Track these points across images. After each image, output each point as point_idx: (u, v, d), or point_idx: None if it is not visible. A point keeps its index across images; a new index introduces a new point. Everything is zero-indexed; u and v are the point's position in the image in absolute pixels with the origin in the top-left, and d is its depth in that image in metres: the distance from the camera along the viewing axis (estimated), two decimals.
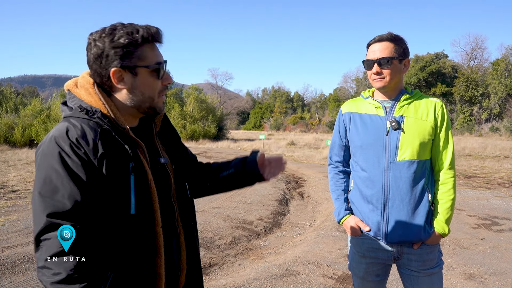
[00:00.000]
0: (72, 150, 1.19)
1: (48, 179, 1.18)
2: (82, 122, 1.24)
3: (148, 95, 1.36)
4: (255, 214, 7.04)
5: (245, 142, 29.46)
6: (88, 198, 1.20)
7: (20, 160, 15.34)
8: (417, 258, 2.02)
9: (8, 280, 3.99)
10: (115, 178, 1.24)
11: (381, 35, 2.02)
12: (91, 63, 1.33)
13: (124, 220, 1.26)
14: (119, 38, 1.28)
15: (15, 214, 6.72)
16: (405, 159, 1.96)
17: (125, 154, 1.27)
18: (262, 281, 4.01)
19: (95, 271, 1.19)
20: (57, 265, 1.14)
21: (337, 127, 2.25)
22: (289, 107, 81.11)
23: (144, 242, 1.31)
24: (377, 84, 2.02)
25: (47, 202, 1.17)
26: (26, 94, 58.43)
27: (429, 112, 1.99)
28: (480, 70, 48.25)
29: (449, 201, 2.00)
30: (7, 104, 25.59)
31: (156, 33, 1.33)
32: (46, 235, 1.16)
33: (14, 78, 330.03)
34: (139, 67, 1.31)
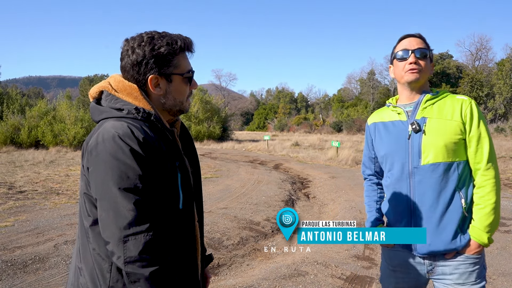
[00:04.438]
0: (141, 148, 1.25)
1: (124, 174, 1.22)
2: (140, 124, 1.31)
3: (179, 100, 1.47)
4: (262, 214, 7.06)
5: (250, 143, 29.48)
6: (157, 190, 1.28)
7: (26, 161, 15.43)
8: (452, 270, 1.84)
9: (20, 280, 4.03)
10: (170, 175, 1.34)
11: (413, 33, 1.97)
12: (127, 69, 1.40)
13: (175, 214, 1.36)
14: (159, 48, 1.36)
15: (24, 214, 6.78)
16: (429, 162, 1.83)
17: (175, 153, 1.38)
18: (271, 281, 4.04)
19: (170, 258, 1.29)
20: (152, 257, 1.21)
21: (365, 140, 2.20)
22: (293, 108, 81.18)
23: (187, 234, 1.42)
24: (411, 77, 1.90)
25: (129, 195, 1.21)
26: (31, 95, 58.78)
27: (454, 111, 1.84)
28: (485, 71, 48.04)
29: (488, 206, 1.80)
30: (13, 105, 25.74)
31: (191, 44, 1.45)
32: (136, 228, 1.20)
33: (19, 79, 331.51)
34: (174, 74, 1.42)
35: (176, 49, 1.39)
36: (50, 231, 5.73)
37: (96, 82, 24.33)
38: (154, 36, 1.38)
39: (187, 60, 1.46)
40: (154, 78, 1.39)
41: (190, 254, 1.44)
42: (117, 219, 1.21)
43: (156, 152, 1.29)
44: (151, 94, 1.43)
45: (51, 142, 21.97)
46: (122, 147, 1.23)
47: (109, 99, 1.39)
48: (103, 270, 1.30)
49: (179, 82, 1.44)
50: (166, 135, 1.38)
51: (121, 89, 1.39)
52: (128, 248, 1.20)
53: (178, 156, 1.40)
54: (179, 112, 1.50)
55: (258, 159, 18.22)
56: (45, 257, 4.63)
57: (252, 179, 11.34)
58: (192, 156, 1.64)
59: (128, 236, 1.20)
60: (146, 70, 1.38)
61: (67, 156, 18.04)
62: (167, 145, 1.36)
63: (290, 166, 15.20)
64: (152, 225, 1.23)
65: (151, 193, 1.26)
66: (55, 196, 8.47)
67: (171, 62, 1.40)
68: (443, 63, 48.38)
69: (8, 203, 7.64)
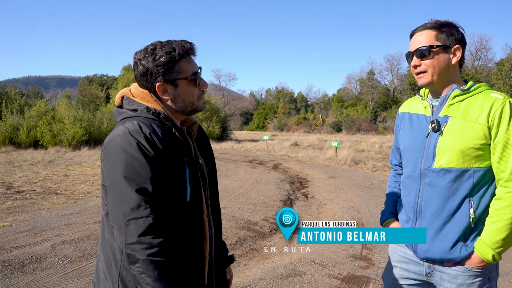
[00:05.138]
0: (147, 142, 1.39)
1: (131, 165, 1.36)
2: (150, 122, 1.46)
3: (188, 101, 1.58)
4: (260, 214, 7.06)
5: (249, 142, 29.48)
6: (161, 182, 1.40)
7: (25, 161, 15.42)
8: (450, 279, 1.76)
9: (17, 280, 4.03)
10: (176, 169, 1.45)
11: (425, 24, 1.78)
12: (138, 79, 1.57)
13: (182, 206, 1.47)
14: (160, 57, 1.49)
15: (22, 214, 6.77)
16: (440, 166, 1.70)
17: (184, 150, 1.50)
18: (268, 281, 4.04)
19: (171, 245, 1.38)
20: (151, 240, 1.32)
21: (395, 128, 2.08)
22: (293, 108, 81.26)
23: (195, 227, 1.52)
24: (419, 82, 1.78)
25: (133, 183, 1.35)
26: (31, 95, 58.71)
27: (482, 111, 1.64)
28: (484, 71, 48.02)
29: (502, 221, 1.62)
30: (12, 105, 25.70)
31: (190, 49, 1.55)
32: (136, 212, 1.33)
33: (18, 79, 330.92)
34: (179, 79, 1.53)
35: (175, 57, 1.50)
36: (48, 231, 5.72)
37: (96, 82, 24.43)
38: (156, 47, 1.51)
39: (191, 64, 1.56)
40: (161, 85, 1.52)
41: (197, 245, 1.52)
42: (121, 204, 1.34)
43: (162, 147, 1.41)
44: (162, 99, 1.57)
45: (50, 142, 21.95)
46: (130, 141, 1.38)
47: (127, 102, 1.56)
48: (115, 254, 1.43)
49: (185, 85, 1.55)
50: (174, 132, 1.49)
51: (137, 94, 1.57)
52: (129, 231, 1.32)
53: (187, 153, 1.50)
54: (193, 112, 1.62)
55: (257, 159, 18.22)
56: (42, 257, 4.63)
57: (251, 179, 11.34)
58: (209, 156, 1.76)
59: (130, 220, 1.32)
60: (152, 79, 1.52)
61: (66, 156, 18.03)
62: (175, 141, 1.48)
63: (289, 166, 15.21)
64: (153, 211, 1.34)
65: (155, 182, 1.37)
66: (53, 196, 8.47)
67: (173, 68, 1.51)
68: None
69: (6, 203, 7.63)
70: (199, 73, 1.59)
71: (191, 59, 1.58)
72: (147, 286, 1.32)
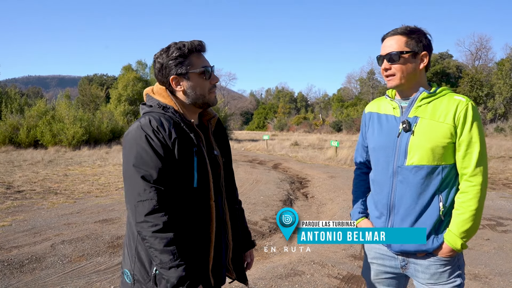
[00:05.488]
0: (154, 134, 1.58)
1: (139, 155, 1.57)
2: (160, 116, 1.64)
3: (199, 93, 1.75)
4: (260, 214, 7.06)
5: (249, 142, 29.48)
6: (167, 170, 1.58)
7: (25, 161, 15.43)
8: (424, 270, 1.87)
9: (17, 279, 4.03)
10: (183, 158, 1.62)
11: (395, 29, 1.88)
12: (156, 75, 1.77)
13: (189, 191, 1.64)
14: (172, 53, 1.70)
15: (22, 214, 6.77)
16: (413, 163, 1.81)
17: (190, 141, 1.65)
18: (267, 280, 4.04)
19: (176, 226, 1.56)
20: (155, 219, 1.52)
21: (361, 127, 2.17)
22: (293, 108, 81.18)
23: (203, 211, 1.68)
24: (388, 84, 1.89)
25: (140, 170, 1.56)
26: (31, 94, 58.66)
27: (448, 112, 1.78)
28: (484, 70, 48.04)
29: (467, 212, 1.76)
30: (12, 105, 25.68)
31: (199, 45, 1.73)
32: (142, 196, 1.54)
33: (18, 79, 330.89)
34: (190, 72, 1.71)
35: (184, 51, 1.69)
36: (47, 231, 5.73)
37: (96, 82, 24.48)
38: (170, 46, 1.72)
39: (201, 59, 1.74)
40: (174, 78, 1.72)
41: (204, 227, 1.68)
42: (132, 189, 1.56)
43: (167, 138, 1.59)
44: (176, 92, 1.76)
45: (50, 142, 21.94)
46: (140, 135, 1.58)
47: (148, 99, 1.78)
48: (133, 232, 1.65)
49: (197, 78, 1.73)
50: (180, 125, 1.65)
51: (156, 91, 1.77)
52: (138, 212, 1.54)
53: (195, 143, 1.66)
54: (205, 105, 1.78)
55: (257, 158, 18.22)
56: (41, 256, 4.63)
57: (251, 178, 11.33)
58: (225, 149, 1.93)
59: (138, 202, 1.54)
60: (166, 73, 1.72)
61: (66, 156, 18.04)
62: (181, 133, 1.63)
63: (289, 165, 15.21)
64: (159, 194, 1.54)
65: (161, 169, 1.56)
66: (53, 196, 8.47)
67: (184, 62, 1.70)
68: (442, 62, 48.39)
69: (6, 202, 7.64)
70: (211, 69, 1.76)
71: (202, 55, 1.76)
72: (156, 258, 1.54)
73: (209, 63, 1.77)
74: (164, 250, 1.52)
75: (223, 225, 1.82)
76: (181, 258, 1.54)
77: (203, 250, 1.69)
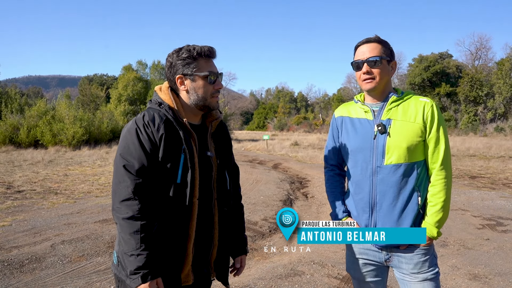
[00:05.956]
0: (144, 129, 1.68)
1: (127, 145, 1.69)
2: (155, 111, 1.75)
3: (202, 96, 1.82)
4: (260, 214, 7.06)
5: (249, 142, 29.48)
6: (150, 162, 1.67)
7: (25, 161, 15.43)
8: (407, 261, 1.98)
9: (17, 280, 4.03)
10: (169, 153, 1.69)
11: (369, 38, 2.03)
12: (166, 73, 1.88)
13: (171, 187, 1.70)
14: (182, 54, 1.79)
15: (22, 214, 6.78)
16: (391, 163, 1.94)
17: (179, 138, 1.72)
18: (267, 281, 4.04)
19: (149, 217, 1.64)
20: (128, 206, 1.61)
21: (331, 131, 2.27)
22: (293, 107, 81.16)
23: (183, 207, 1.72)
24: (367, 86, 2.00)
25: (123, 160, 1.67)
26: (31, 94, 58.60)
27: (417, 113, 1.94)
28: (484, 70, 48.00)
29: (439, 204, 1.93)
30: (12, 104, 25.68)
31: (208, 51, 1.80)
32: (121, 184, 1.64)
33: (18, 78, 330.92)
34: (195, 74, 1.79)
35: (193, 54, 1.77)
36: (48, 231, 5.73)
37: (96, 82, 24.46)
38: (182, 48, 1.81)
39: (209, 64, 1.82)
40: (179, 77, 1.81)
41: (182, 223, 1.72)
42: (115, 176, 1.68)
43: (155, 133, 1.67)
44: (180, 91, 1.84)
45: (50, 142, 21.95)
46: (132, 127, 1.70)
47: (154, 95, 1.87)
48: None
49: (201, 80, 1.80)
50: (172, 121, 1.72)
51: (162, 88, 1.87)
52: (114, 198, 1.65)
53: (185, 141, 1.72)
54: (206, 108, 1.85)
55: (257, 158, 18.22)
56: (41, 256, 4.63)
57: (251, 178, 11.34)
58: (225, 152, 1.98)
59: (117, 188, 1.65)
60: (174, 71, 1.81)
61: (66, 156, 18.04)
62: (170, 130, 1.70)
63: (289, 165, 15.21)
64: (137, 184, 1.62)
65: (145, 161, 1.65)
66: (53, 196, 8.48)
67: (191, 64, 1.78)
68: (442, 62, 48.31)
69: (6, 202, 7.64)
70: (218, 75, 1.83)
71: (211, 61, 1.84)
72: (121, 243, 1.62)
73: (217, 70, 1.85)
74: (129, 237, 1.59)
75: (210, 224, 1.85)
76: (144, 247, 1.59)
77: (180, 246, 1.72)
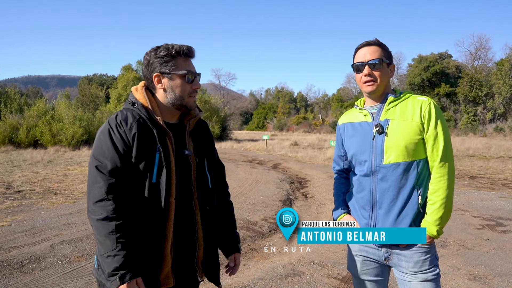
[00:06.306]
0: (116, 128, 1.67)
1: (100, 146, 1.67)
2: (128, 111, 1.73)
3: (179, 95, 1.80)
4: (259, 214, 7.06)
5: (249, 142, 29.47)
6: (123, 163, 1.66)
7: (25, 161, 15.41)
8: (407, 259, 1.98)
9: (16, 280, 4.02)
10: (143, 153, 1.68)
11: (369, 40, 2.06)
12: (143, 71, 1.85)
13: (147, 186, 1.68)
14: (160, 52, 1.77)
15: (21, 214, 6.77)
16: (390, 162, 1.96)
17: (153, 137, 1.70)
18: (267, 281, 4.04)
19: (124, 217, 1.62)
20: (102, 208, 1.60)
21: (336, 139, 2.35)
22: (292, 108, 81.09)
23: (159, 207, 1.69)
24: (368, 88, 2.03)
25: (96, 161, 1.65)
26: (30, 94, 58.56)
27: (415, 112, 1.96)
28: (484, 70, 47.99)
29: (439, 201, 1.91)
30: (11, 104, 25.64)
31: (186, 50, 1.79)
32: (94, 185, 1.62)
33: (18, 78, 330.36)
34: (173, 73, 1.77)
35: (172, 52, 1.75)
36: (47, 231, 5.72)
37: (95, 82, 24.42)
38: (160, 46, 1.79)
39: (187, 63, 1.80)
40: (157, 75, 1.78)
41: (159, 223, 1.70)
42: (89, 177, 1.67)
43: (128, 133, 1.66)
44: (157, 89, 1.82)
45: (50, 142, 21.92)
46: (105, 128, 1.69)
47: (129, 95, 1.84)
48: None
49: (178, 79, 1.78)
50: (145, 121, 1.71)
51: (138, 88, 1.85)
52: (89, 199, 1.64)
53: (160, 141, 1.70)
54: (183, 107, 1.83)
55: (256, 158, 18.22)
56: (41, 257, 4.62)
57: (250, 178, 11.33)
58: (205, 150, 1.95)
59: (91, 190, 1.64)
60: (151, 69, 1.79)
61: (65, 156, 18.02)
62: (143, 129, 1.69)
63: (289, 165, 15.21)
64: (110, 184, 1.61)
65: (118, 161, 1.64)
66: (52, 196, 8.47)
67: (169, 63, 1.76)
68: (442, 63, 48.30)
69: (5, 202, 7.63)
70: (196, 75, 1.82)
71: (189, 60, 1.82)
72: (97, 245, 1.61)
73: (195, 69, 1.82)
74: (104, 238, 1.58)
75: (192, 224, 1.82)
76: (121, 248, 1.57)
77: (157, 247, 1.70)
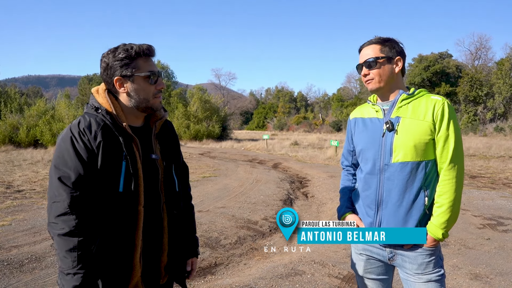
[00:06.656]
0: (79, 136, 1.57)
1: (61, 155, 1.57)
2: (91, 117, 1.63)
3: (143, 97, 1.71)
4: (260, 214, 7.05)
5: (249, 142, 29.47)
6: (88, 173, 1.56)
7: (25, 160, 15.42)
8: (411, 261, 1.96)
9: (16, 279, 4.02)
10: (109, 162, 1.59)
11: (371, 39, 2.06)
12: (101, 74, 1.73)
13: (113, 196, 1.60)
14: (119, 54, 1.66)
15: (22, 213, 6.76)
16: (398, 160, 1.92)
17: (119, 144, 1.62)
18: (268, 280, 4.03)
19: (89, 232, 1.54)
20: (64, 222, 1.51)
21: (347, 133, 2.31)
22: (293, 107, 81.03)
23: (128, 216, 1.63)
24: (369, 87, 2.03)
25: (58, 171, 1.55)
26: (30, 94, 58.59)
27: (427, 111, 1.91)
28: (484, 70, 47.95)
29: (445, 204, 1.88)
30: (11, 104, 25.68)
31: (147, 49, 1.69)
32: (57, 197, 1.53)
33: (18, 78, 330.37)
34: (135, 75, 1.68)
35: (131, 54, 1.66)
36: (47, 231, 5.70)
37: (95, 81, 24.52)
38: (118, 47, 1.69)
39: (148, 63, 1.71)
40: (118, 79, 1.68)
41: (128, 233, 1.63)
42: (50, 189, 1.57)
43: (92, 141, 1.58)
44: (119, 94, 1.72)
45: (50, 141, 21.94)
46: (67, 135, 1.60)
47: (90, 99, 1.74)
48: None
49: (141, 81, 1.69)
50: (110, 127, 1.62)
51: (99, 90, 1.74)
52: (50, 212, 1.55)
53: (125, 147, 1.63)
54: (149, 109, 1.74)
55: (257, 158, 18.21)
56: (41, 256, 4.62)
57: (251, 178, 11.33)
58: (171, 152, 1.87)
59: (53, 203, 1.54)
60: (111, 73, 1.68)
61: None
62: (109, 136, 1.61)
63: (289, 165, 15.20)
64: (73, 197, 1.52)
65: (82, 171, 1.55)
66: None
67: (130, 65, 1.66)
68: (442, 62, 48.29)
69: (5, 202, 7.63)
70: (158, 74, 1.73)
71: (150, 59, 1.73)
72: (59, 260, 1.53)
73: (156, 68, 1.75)
74: (65, 255, 1.50)
75: (160, 230, 1.76)
76: (81, 266, 1.51)
77: (126, 258, 1.63)
